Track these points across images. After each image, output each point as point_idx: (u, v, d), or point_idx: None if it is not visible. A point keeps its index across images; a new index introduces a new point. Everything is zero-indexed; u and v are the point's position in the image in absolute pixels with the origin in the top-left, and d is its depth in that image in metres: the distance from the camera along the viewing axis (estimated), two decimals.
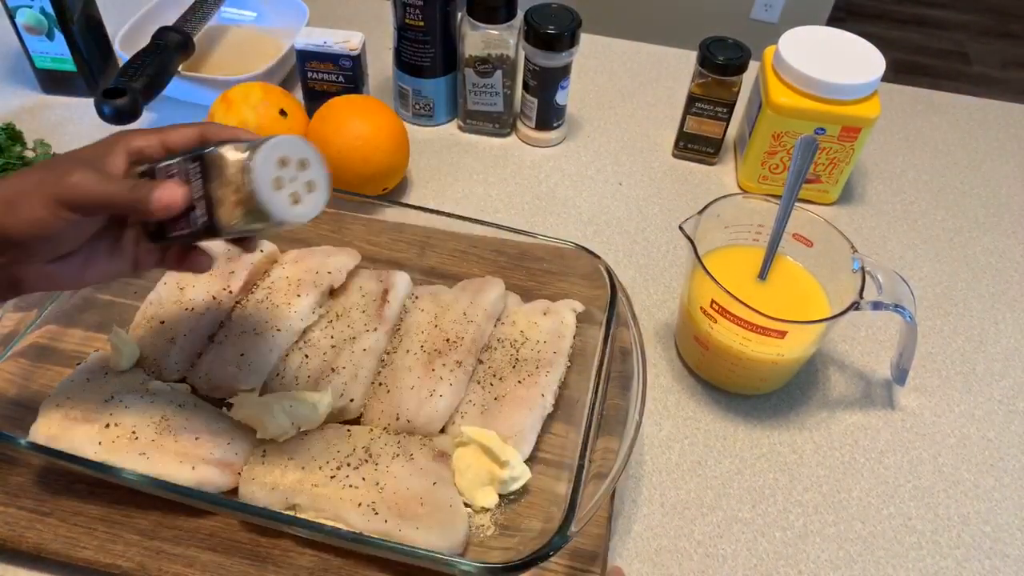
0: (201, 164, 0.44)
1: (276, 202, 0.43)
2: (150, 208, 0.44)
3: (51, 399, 0.57)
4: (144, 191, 0.44)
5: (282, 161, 0.43)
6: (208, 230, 0.45)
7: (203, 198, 0.44)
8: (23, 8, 0.84)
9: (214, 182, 0.44)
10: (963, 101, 1.05)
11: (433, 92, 0.90)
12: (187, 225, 0.45)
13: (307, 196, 0.45)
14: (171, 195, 0.44)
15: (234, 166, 0.43)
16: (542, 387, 0.61)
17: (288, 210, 0.43)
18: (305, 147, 0.45)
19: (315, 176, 0.45)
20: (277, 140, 0.43)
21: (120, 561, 0.53)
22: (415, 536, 0.51)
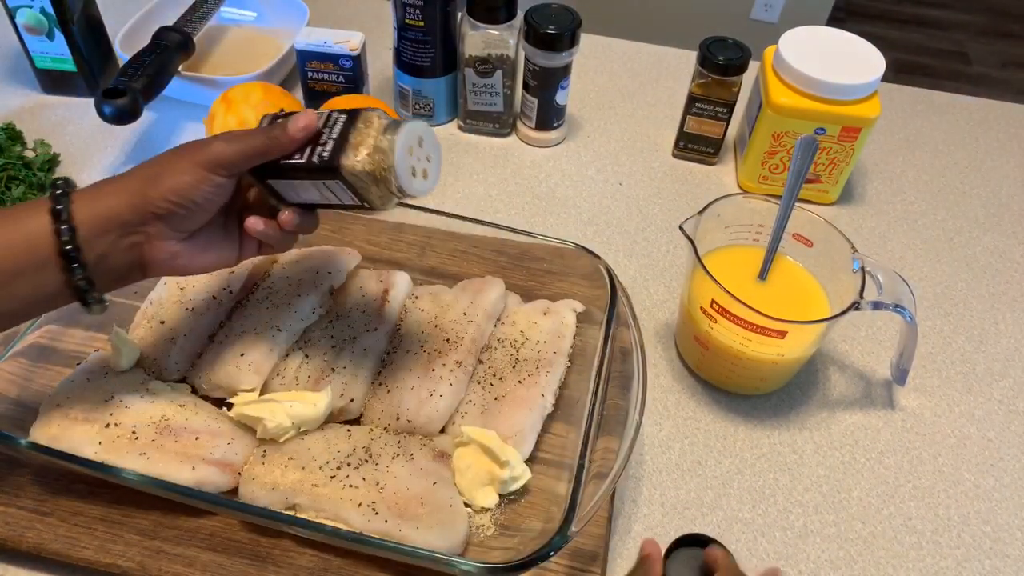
0: (348, 117, 0.50)
1: (403, 168, 0.49)
2: (288, 134, 0.49)
3: (51, 399, 0.57)
4: (279, 129, 0.49)
5: (418, 141, 0.50)
6: (325, 165, 0.49)
7: (334, 140, 0.49)
8: (23, 8, 0.84)
9: (354, 130, 0.49)
10: (963, 101, 1.05)
11: (433, 92, 0.91)
12: (308, 155, 0.50)
13: (422, 179, 0.51)
14: (307, 119, 0.49)
15: (381, 125, 0.49)
16: (542, 387, 0.61)
17: (410, 181, 0.49)
18: (433, 137, 0.51)
19: (433, 167, 0.52)
20: (419, 123, 0.50)
21: (120, 561, 0.53)
22: (415, 536, 0.51)
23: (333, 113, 0.51)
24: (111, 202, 0.48)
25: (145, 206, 0.48)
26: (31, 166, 0.82)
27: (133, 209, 0.48)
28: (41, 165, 0.82)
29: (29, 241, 0.46)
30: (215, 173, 0.48)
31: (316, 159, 0.49)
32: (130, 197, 0.48)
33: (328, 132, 0.50)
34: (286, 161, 0.50)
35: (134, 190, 0.48)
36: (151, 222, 0.48)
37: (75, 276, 0.47)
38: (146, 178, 0.48)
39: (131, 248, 0.49)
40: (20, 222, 0.47)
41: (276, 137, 0.49)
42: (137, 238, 0.49)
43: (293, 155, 0.50)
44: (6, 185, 0.79)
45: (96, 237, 0.47)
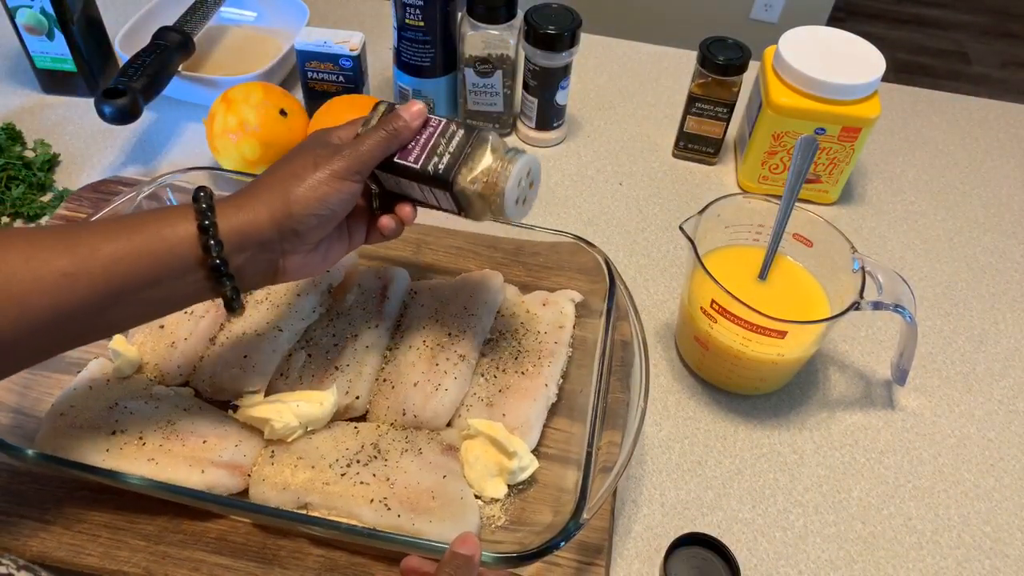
0: (466, 133, 0.52)
1: (512, 197, 0.52)
2: (406, 124, 0.51)
3: (55, 408, 0.57)
4: (396, 120, 0.51)
5: (527, 172, 0.53)
6: (437, 178, 0.52)
7: (451, 154, 0.52)
8: (23, 8, 0.84)
9: (472, 150, 0.52)
10: (963, 101, 1.05)
11: (433, 92, 0.90)
12: (424, 162, 0.52)
13: (522, 206, 0.54)
14: (416, 107, 0.52)
15: (496, 153, 0.52)
16: (545, 377, 0.61)
17: (513, 207, 0.52)
18: (539, 171, 0.55)
19: (533, 194, 0.55)
20: (532, 157, 0.53)
21: (126, 567, 0.53)
22: (428, 529, 0.52)
23: (451, 124, 0.53)
24: (252, 217, 0.48)
25: (289, 223, 0.48)
26: (31, 166, 0.82)
27: (276, 226, 0.48)
28: (41, 165, 0.82)
29: (172, 250, 0.46)
30: (352, 180, 0.50)
31: (431, 169, 0.52)
32: (272, 213, 0.48)
33: (445, 144, 0.52)
34: (401, 161, 0.52)
35: (276, 207, 0.48)
36: (289, 238, 0.49)
37: (224, 287, 0.48)
38: (286, 194, 0.48)
39: (266, 263, 0.50)
40: (162, 230, 0.46)
41: (397, 130, 0.51)
42: (274, 254, 0.50)
43: (409, 155, 0.52)
44: (6, 185, 0.79)
45: (237, 252, 0.48)
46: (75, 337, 0.47)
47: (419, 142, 0.52)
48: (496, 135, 0.53)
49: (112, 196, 0.75)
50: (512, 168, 0.51)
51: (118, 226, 0.46)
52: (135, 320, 0.49)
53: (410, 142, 0.52)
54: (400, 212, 0.55)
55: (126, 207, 0.67)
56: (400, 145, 0.52)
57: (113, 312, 0.46)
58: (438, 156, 0.52)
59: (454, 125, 0.53)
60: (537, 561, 0.50)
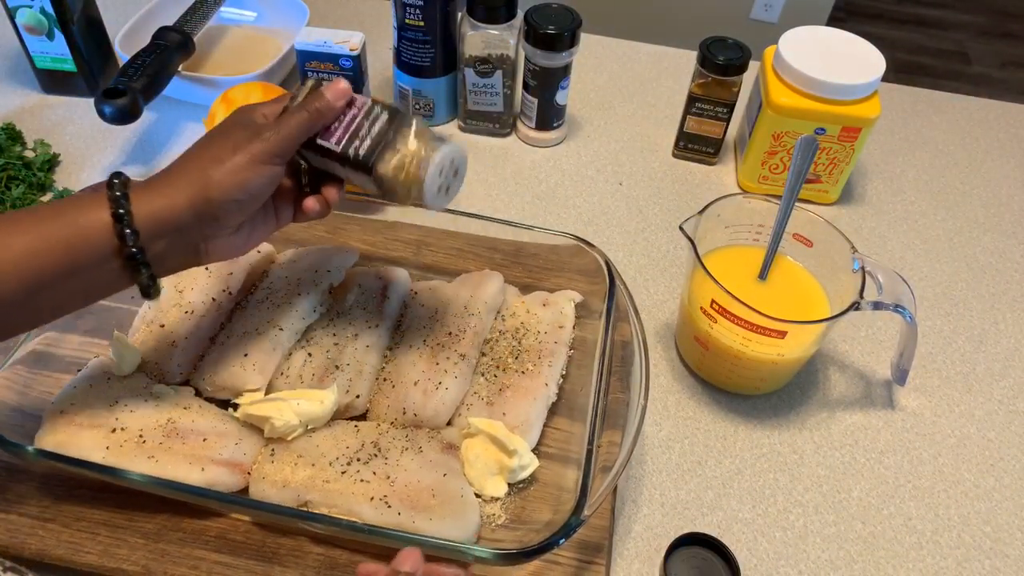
0: (390, 117, 0.51)
1: (433, 185, 0.51)
2: (328, 104, 0.50)
3: (55, 406, 0.57)
4: (318, 100, 0.50)
5: (452, 161, 0.52)
6: (357, 162, 0.51)
7: (372, 138, 0.51)
8: (23, 8, 0.84)
9: (394, 135, 0.51)
10: (963, 101, 1.05)
11: (433, 92, 0.91)
12: (344, 145, 0.51)
13: (444, 195, 0.53)
14: (340, 86, 0.51)
15: (421, 139, 0.51)
16: (545, 376, 0.61)
17: (435, 197, 0.51)
18: (465, 161, 0.54)
19: (456, 183, 0.54)
20: (456, 146, 0.52)
21: (125, 565, 0.53)
22: (428, 527, 0.52)
23: (375, 106, 0.52)
24: (168, 203, 0.47)
25: (207, 208, 0.48)
26: (31, 166, 0.82)
27: (194, 212, 0.47)
28: (41, 165, 0.82)
29: (87, 240, 0.46)
30: (273, 164, 0.49)
31: (352, 153, 0.51)
32: (190, 199, 0.47)
33: (368, 126, 0.51)
34: (323, 143, 0.51)
35: (194, 192, 0.47)
36: (208, 223, 0.48)
37: (141, 275, 0.48)
38: (204, 179, 0.47)
39: (187, 247, 0.49)
40: (76, 219, 0.46)
41: (319, 110, 0.50)
42: (193, 239, 0.49)
43: (331, 136, 0.51)
44: (6, 185, 0.79)
45: (154, 239, 0.47)
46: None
47: (342, 123, 0.51)
48: (421, 120, 0.52)
49: None
50: (434, 156, 0.50)
51: (31, 217, 0.46)
52: (59, 310, 0.49)
53: (333, 122, 0.51)
54: (327, 194, 0.54)
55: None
56: (323, 125, 0.51)
57: (34, 303, 0.46)
58: (359, 139, 0.51)
59: (379, 107, 0.52)
60: (537, 558, 0.51)
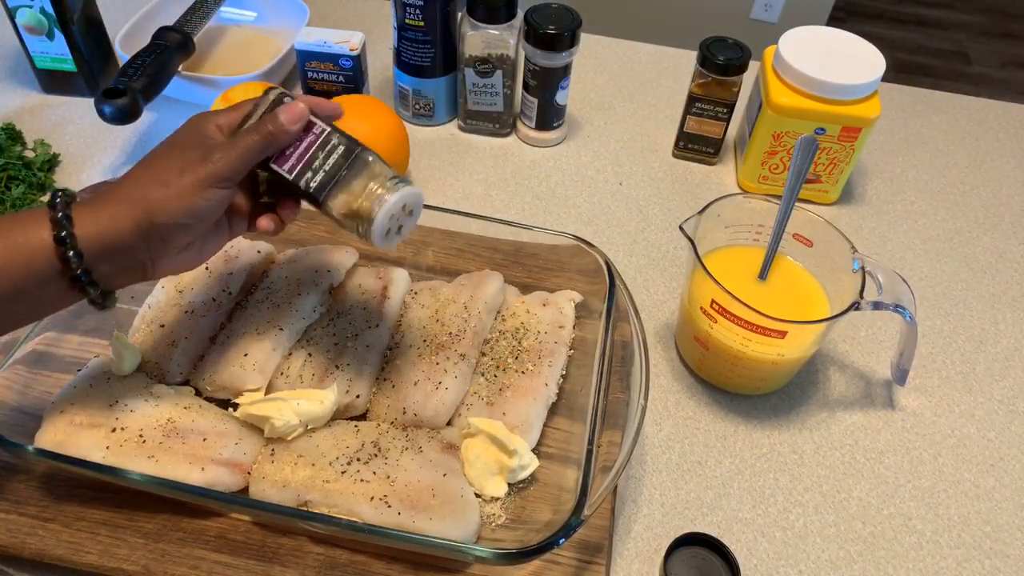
0: (347, 150, 0.50)
1: (381, 229, 0.50)
2: (283, 128, 0.49)
3: (55, 405, 0.57)
4: (272, 123, 0.49)
5: (404, 206, 0.51)
6: (310, 195, 0.50)
7: (325, 172, 0.50)
8: (23, 8, 0.84)
9: (348, 173, 0.50)
10: (963, 101, 1.05)
11: (433, 92, 0.91)
12: (297, 175, 0.50)
13: (394, 235, 0.52)
14: (297, 110, 0.49)
15: (376, 182, 0.50)
16: (545, 377, 0.61)
17: (383, 238, 0.51)
18: (420, 203, 0.52)
19: (410, 223, 0.53)
20: (414, 192, 0.51)
21: (125, 565, 0.53)
22: (428, 527, 0.52)
23: (332, 136, 0.51)
24: (113, 225, 0.46)
25: (152, 231, 0.46)
26: (31, 166, 0.82)
27: (140, 234, 0.46)
28: (41, 165, 0.82)
29: (30, 263, 0.45)
30: (221, 187, 0.48)
31: (303, 184, 0.50)
32: (135, 221, 0.46)
33: (323, 159, 0.50)
34: (277, 168, 0.51)
35: (139, 215, 0.46)
36: (156, 245, 0.47)
37: (89, 294, 0.47)
38: (148, 201, 0.46)
39: (133, 267, 0.48)
40: (17, 240, 0.45)
41: (272, 134, 0.49)
42: (140, 259, 0.48)
43: (285, 162, 0.50)
44: (6, 185, 0.79)
45: (101, 260, 0.46)
46: None
47: (297, 149, 0.50)
48: (378, 159, 0.51)
49: None
50: (387, 201, 0.49)
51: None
52: (5, 328, 0.48)
53: (288, 147, 0.50)
54: (282, 213, 0.53)
55: None
56: (276, 150, 0.50)
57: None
58: (312, 171, 0.50)
59: (335, 138, 0.51)
60: (537, 558, 0.51)
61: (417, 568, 0.54)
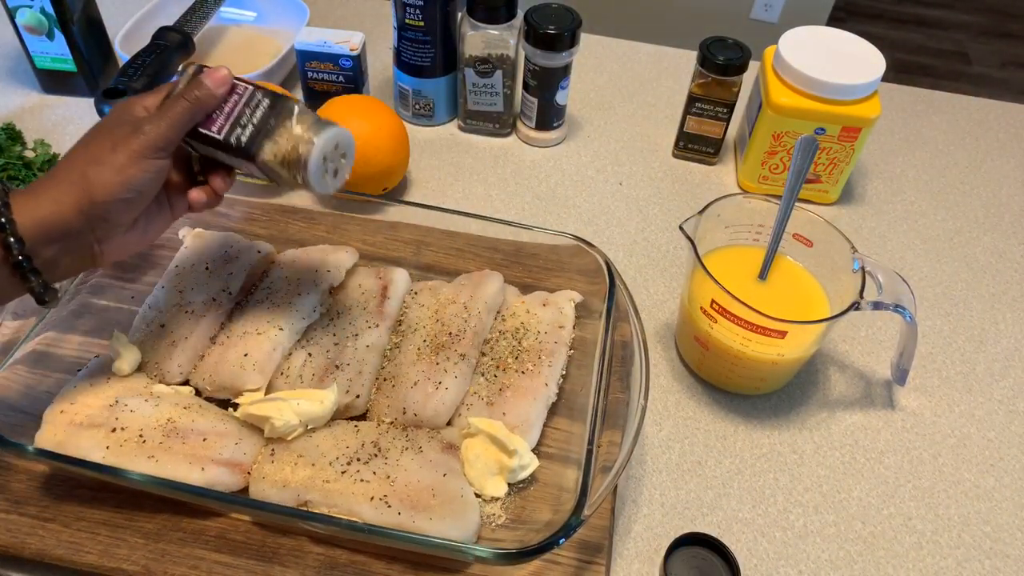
0: (272, 103, 0.51)
1: (316, 171, 0.51)
2: (209, 91, 0.50)
3: (55, 405, 0.57)
4: (199, 88, 0.50)
5: (335, 145, 0.52)
6: (239, 150, 0.51)
7: (253, 125, 0.51)
8: (23, 8, 0.84)
9: (276, 122, 0.51)
10: (963, 101, 1.05)
11: (433, 92, 0.91)
12: (227, 133, 0.51)
13: (332, 179, 0.53)
14: (220, 73, 0.50)
15: (302, 125, 0.51)
16: (545, 377, 0.61)
17: (319, 181, 0.51)
18: (352, 144, 0.54)
19: (346, 166, 0.54)
20: (338, 131, 0.52)
21: (125, 565, 0.53)
22: (428, 527, 0.52)
23: (256, 93, 0.52)
24: (55, 208, 0.46)
25: (94, 211, 0.47)
26: (31, 166, 0.82)
27: (82, 215, 0.47)
28: (41, 165, 0.82)
29: None
30: (156, 158, 0.48)
31: (234, 141, 0.51)
32: (75, 203, 0.46)
33: (250, 114, 0.51)
34: (206, 132, 0.51)
35: (78, 196, 0.46)
36: (99, 225, 0.48)
37: (31, 283, 0.47)
38: (86, 181, 0.47)
39: (80, 250, 0.49)
40: None
41: (199, 99, 0.50)
42: (85, 241, 0.48)
43: (213, 124, 0.51)
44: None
45: (43, 246, 0.47)
46: None
47: (224, 111, 0.51)
48: (303, 106, 0.52)
49: None
50: (317, 140, 0.50)
51: None
52: None
53: (215, 111, 0.51)
54: (213, 183, 0.53)
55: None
56: (204, 114, 0.50)
57: None
58: (241, 127, 0.51)
59: (260, 93, 0.52)
60: (537, 558, 0.51)
61: (417, 568, 0.54)
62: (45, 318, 0.61)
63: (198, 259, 0.67)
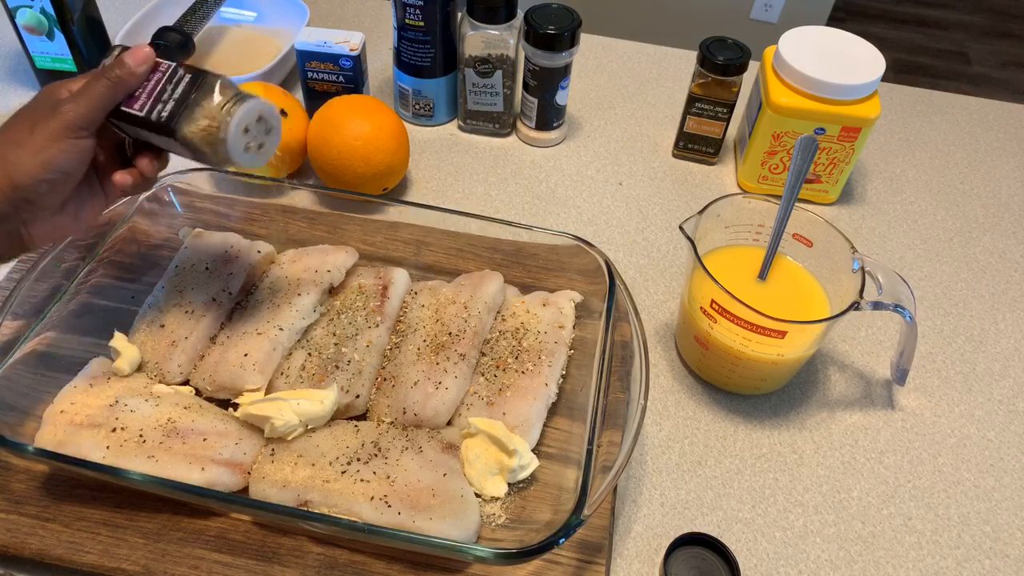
0: (193, 78, 0.51)
1: (236, 144, 0.51)
2: (130, 70, 0.49)
3: (55, 405, 0.57)
4: (119, 68, 0.49)
5: (258, 117, 0.52)
6: (161, 126, 0.51)
7: (175, 100, 0.51)
8: (23, 8, 0.84)
9: (197, 97, 0.51)
10: (963, 101, 1.05)
11: (433, 92, 0.91)
12: (148, 110, 0.51)
13: (256, 152, 0.53)
14: (142, 52, 0.50)
15: (223, 99, 0.51)
16: (545, 376, 0.61)
17: (241, 154, 0.52)
18: (275, 116, 0.54)
19: (270, 141, 0.54)
20: (259, 102, 0.52)
21: (125, 565, 0.53)
22: (429, 527, 0.52)
23: (179, 69, 0.52)
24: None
25: (16, 194, 0.46)
26: None
27: (5, 200, 0.46)
28: None
29: None
30: (78, 137, 0.48)
31: (155, 117, 0.51)
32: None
33: (172, 90, 0.51)
34: (128, 110, 0.51)
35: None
36: (24, 208, 0.47)
37: None
38: (5, 163, 0.46)
39: (9, 234, 0.48)
40: None
41: (120, 77, 0.49)
42: (12, 225, 0.48)
43: (135, 102, 0.51)
44: None
45: None
46: None
47: (146, 89, 0.51)
48: (226, 80, 0.52)
49: None
50: (236, 112, 0.50)
51: None
52: None
53: (137, 89, 0.51)
54: (140, 165, 0.53)
55: (126, 208, 0.67)
56: (126, 92, 0.50)
57: None
58: (163, 103, 0.51)
59: (182, 70, 0.52)
60: (537, 558, 0.51)
61: (417, 568, 0.54)
62: (45, 318, 0.61)
63: (198, 259, 0.67)
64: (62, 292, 0.61)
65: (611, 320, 0.61)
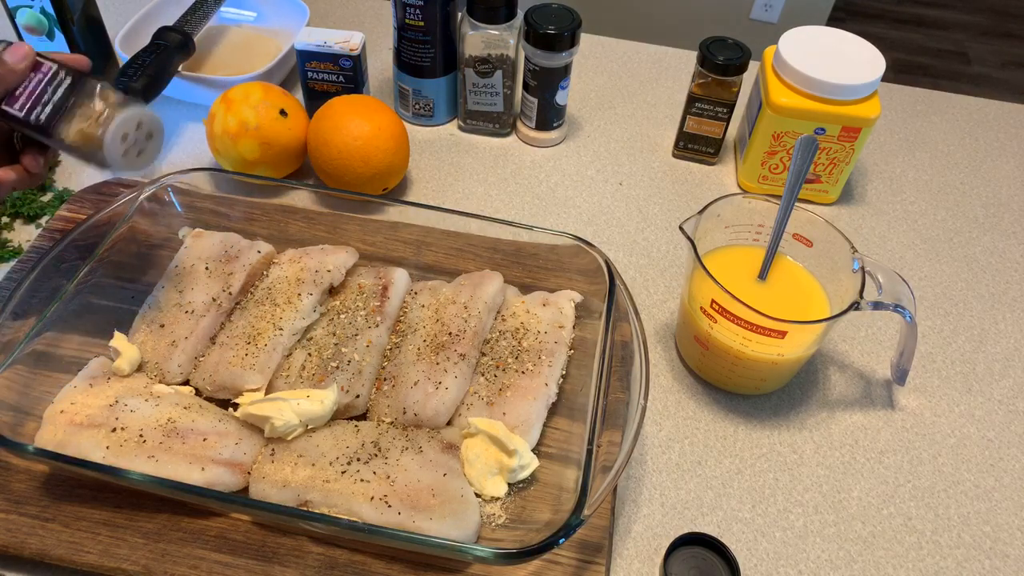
0: (72, 81, 0.52)
1: (114, 149, 0.52)
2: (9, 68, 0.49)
3: (55, 405, 0.57)
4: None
5: (138, 124, 0.53)
6: (39, 127, 0.52)
7: (54, 104, 0.51)
8: (23, 8, 0.84)
9: (77, 100, 0.52)
10: (963, 101, 1.05)
11: (433, 92, 0.91)
12: (27, 111, 0.51)
13: (136, 158, 0.54)
14: (21, 50, 0.50)
15: (103, 104, 0.51)
16: (545, 376, 0.61)
17: (120, 160, 0.52)
18: (157, 122, 0.55)
19: (152, 146, 0.55)
20: (138, 110, 0.53)
21: (125, 565, 0.53)
22: (429, 527, 0.52)
23: (60, 72, 0.52)
24: None
25: None
26: None
27: None
28: None
29: None
30: None
31: (34, 119, 0.51)
32: None
33: (52, 92, 0.51)
34: (8, 109, 0.51)
35: None
36: None
37: None
38: None
39: None
40: None
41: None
42: None
43: (16, 102, 0.51)
44: None
45: None
46: None
47: (27, 88, 0.51)
48: (106, 85, 0.52)
49: (113, 197, 0.76)
50: (114, 118, 0.51)
51: None
52: None
53: (17, 87, 0.51)
54: (24, 161, 0.54)
55: (126, 208, 0.67)
56: (4, 90, 0.51)
57: None
58: (42, 106, 0.51)
59: (63, 72, 0.52)
60: (537, 558, 0.51)
61: (417, 568, 0.54)
62: (45, 318, 0.61)
63: (198, 259, 0.67)
64: (62, 292, 0.61)
65: (611, 320, 0.61)
